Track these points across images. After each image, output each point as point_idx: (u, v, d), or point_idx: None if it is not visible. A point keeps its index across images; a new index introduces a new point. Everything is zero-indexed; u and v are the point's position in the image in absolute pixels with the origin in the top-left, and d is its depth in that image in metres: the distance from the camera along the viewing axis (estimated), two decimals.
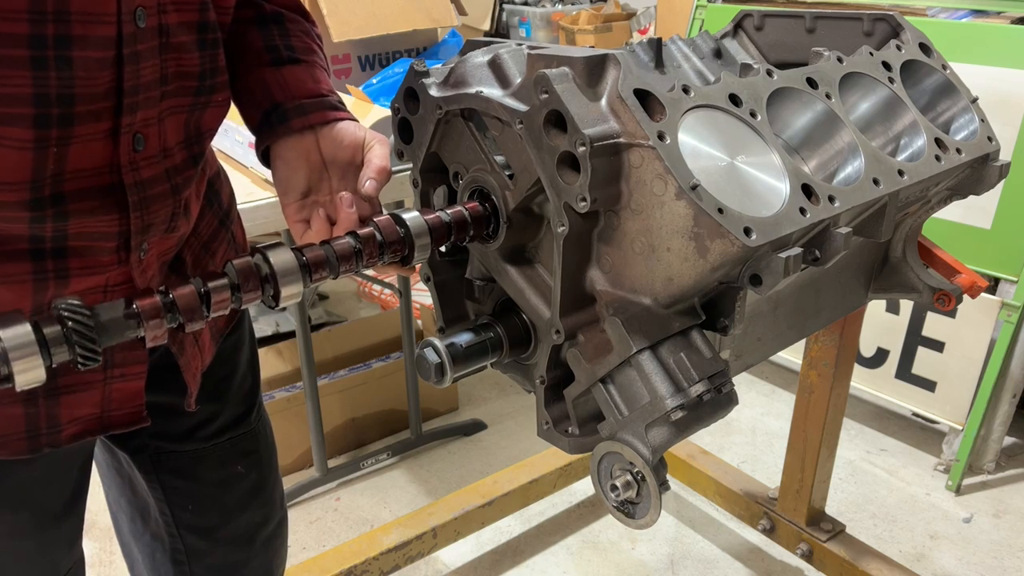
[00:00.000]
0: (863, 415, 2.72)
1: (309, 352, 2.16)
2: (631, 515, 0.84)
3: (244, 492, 1.14)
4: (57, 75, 0.69)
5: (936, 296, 1.25)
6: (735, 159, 0.84)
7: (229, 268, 0.75)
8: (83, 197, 0.76)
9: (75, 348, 0.64)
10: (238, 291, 0.74)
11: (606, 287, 0.86)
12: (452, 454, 2.55)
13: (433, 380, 0.93)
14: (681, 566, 2.11)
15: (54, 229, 0.76)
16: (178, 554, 1.12)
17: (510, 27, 6.43)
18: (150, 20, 0.75)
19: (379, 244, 0.82)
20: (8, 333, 0.62)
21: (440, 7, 2.34)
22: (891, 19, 1.16)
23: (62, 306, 0.65)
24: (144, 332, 0.69)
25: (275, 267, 0.76)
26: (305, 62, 0.96)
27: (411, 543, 1.90)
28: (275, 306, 0.78)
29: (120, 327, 0.68)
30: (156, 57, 0.77)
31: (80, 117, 0.72)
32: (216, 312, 0.73)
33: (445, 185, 1.00)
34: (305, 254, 0.78)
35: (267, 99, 0.93)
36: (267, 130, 0.93)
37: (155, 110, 0.79)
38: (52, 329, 0.63)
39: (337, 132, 0.92)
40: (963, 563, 2.11)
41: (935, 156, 1.02)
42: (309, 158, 0.92)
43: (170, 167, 0.83)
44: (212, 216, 0.99)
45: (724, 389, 0.83)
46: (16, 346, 0.62)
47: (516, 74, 0.87)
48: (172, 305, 0.70)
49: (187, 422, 1.06)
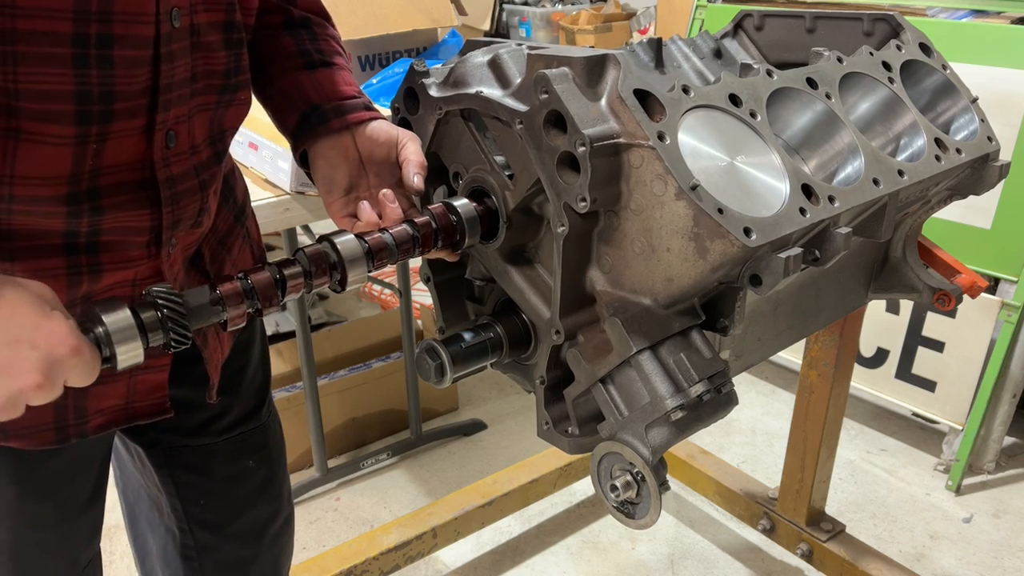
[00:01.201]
0: (863, 415, 2.72)
1: (309, 352, 2.16)
2: (631, 515, 0.84)
3: (254, 487, 1.15)
4: (98, 73, 0.71)
5: (936, 296, 1.25)
6: (735, 159, 0.83)
7: (300, 255, 0.79)
8: (118, 192, 0.79)
9: (169, 332, 0.69)
10: (310, 277, 0.79)
11: (606, 287, 0.86)
12: (452, 454, 2.55)
13: (433, 380, 0.93)
14: (681, 566, 2.11)
15: (89, 224, 0.78)
16: (188, 549, 1.14)
17: (510, 27, 6.43)
18: (183, 20, 0.78)
19: (434, 231, 0.88)
20: (111, 318, 0.66)
21: (440, 7, 2.34)
22: (891, 19, 1.16)
23: (156, 292, 0.70)
24: (226, 316, 0.74)
25: (342, 253, 0.81)
26: (335, 65, 1.00)
27: (411, 543, 1.90)
28: (341, 290, 0.83)
29: (207, 311, 0.73)
30: (188, 56, 0.80)
31: (118, 114, 0.75)
32: (290, 296, 0.79)
33: (445, 185, 1.00)
34: (368, 240, 0.83)
35: (304, 101, 0.96)
36: (306, 131, 0.96)
37: (186, 107, 0.82)
38: (149, 314, 0.69)
39: (372, 130, 0.95)
40: (963, 563, 2.11)
41: (935, 156, 1.02)
42: (348, 156, 0.96)
43: (197, 163, 0.86)
44: (228, 212, 1.01)
45: (724, 389, 0.83)
46: (118, 329, 0.66)
47: (516, 74, 0.87)
48: (252, 290, 0.75)
49: (200, 416, 1.08)
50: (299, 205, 1.54)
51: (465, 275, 1.03)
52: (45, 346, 0.62)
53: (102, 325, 0.66)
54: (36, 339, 0.62)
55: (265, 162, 1.57)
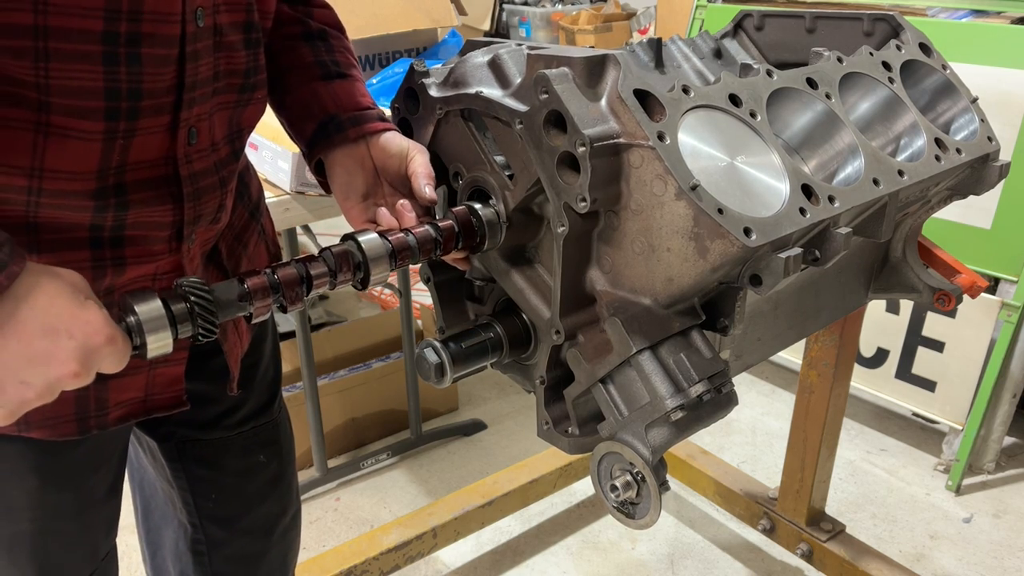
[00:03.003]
0: (863, 415, 2.72)
1: (309, 352, 2.16)
2: (631, 515, 0.84)
3: (265, 482, 1.17)
4: (127, 70, 0.73)
5: (936, 296, 1.25)
6: (735, 159, 0.83)
7: (326, 253, 0.82)
8: (142, 188, 0.81)
9: (197, 323, 0.72)
10: (334, 275, 0.82)
11: (606, 287, 0.86)
12: (452, 454, 2.55)
13: (433, 380, 0.93)
14: (681, 566, 2.11)
15: (115, 218, 0.80)
16: (199, 544, 1.15)
17: (510, 27, 6.43)
18: (207, 20, 0.80)
19: (456, 234, 0.89)
20: (143, 308, 0.69)
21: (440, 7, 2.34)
22: (891, 19, 1.16)
23: (186, 284, 0.72)
24: (252, 309, 0.76)
25: (366, 252, 0.83)
26: (351, 77, 1.02)
27: (411, 543, 1.90)
28: (363, 288, 0.85)
29: (233, 305, 0.75)
30: (211, 55, 0.82)
31: (145, 111, 0.76)
32: (316, 291, 0.81)
33: (445, 185, 1.00)
34: (391, 240, 0.85)
35: (322, 111, 0.99)
36: (323, 140, 0.98)
37: (207, 105, 0.84)
38: (179, 306, 0.71)
39: (385, 142, 0.97)
40: (963, 563, 2.11)
41: (935, 156, 1.02)
42: (364, 165, 0.98)
43: (217, 160, 0.88)
44: (243, 209, 1.03)
45: (724, 389, 0.83)
46: (149, 319, 0.69)
47: (516, 74, 0.87)
48: (278, 285, 0.77)
49: (214, 410, 1.09)
50: (299, 205, 1.54)
51: (465, 275, 1.03)
52: (81, 336, 0.64)
53: (134, 315, 0.69)
54: (73, 329, 0.64)
55: (265, 162, 1.57)
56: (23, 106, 0.71)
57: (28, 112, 0.71)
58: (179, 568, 1.18)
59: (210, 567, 1.17)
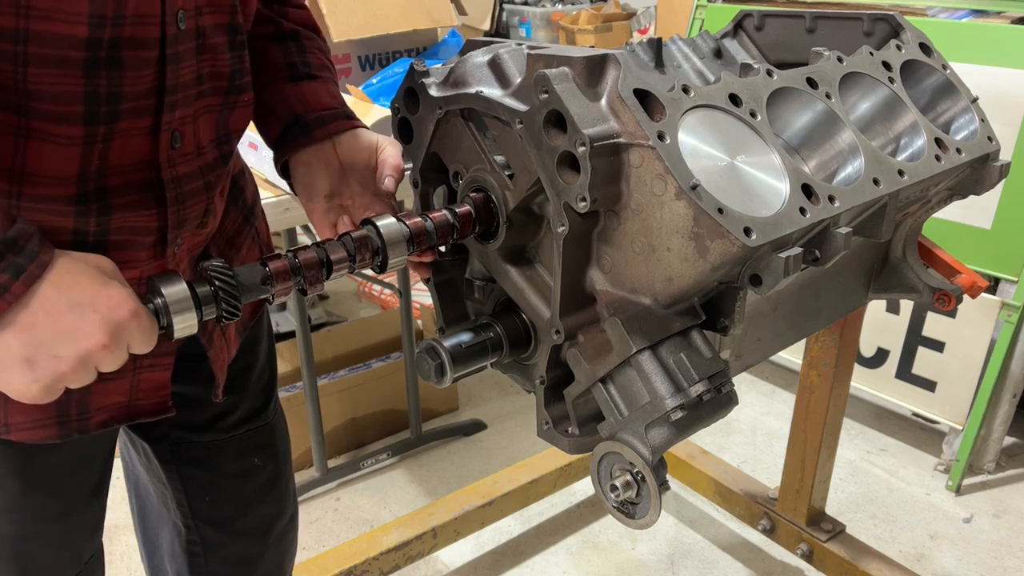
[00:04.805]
0: (863, 415, 2.72)
1: (309, 352, 2.16)
2: (631, 515, 0.84)
3: (260, 485, 1.16)
4: (107, 74, 0.73)
5: (936, 296, 1.25)
6: (735, 159, 0.83)
7: (346, 238, 0.84)
8: (125, 192, 0.80)
9: (221, 304, 0.75)
10: (354, 259, 0.84)
11: (606, 287, 0.86)
12: (452, 454, 2.55)
13: (433, 380, 0.93)
14: (681, 566, 2.11)
15: (98, 223, 0.79)
16: (194, 545, 1.15)
17: (510, 27, 6.43)
18: (189, 22, 0.79)
19: (472, 218, 0.91)
20: (169, 290, 0.72)
21: (440, 7, 2.34)
22: (891, 19, 1.16)
23: (211, 267, 0.75)
24: (274, 291, 0.79)
25: (384, 236, 0.85)
26: (321, 78, 1.02)
27: (411, 543, 1.90)
28: (381, 272, 0.87)
29: (256, 287, 0.78)
30: (194, 58, 0.81)
31: (124, 114, 0.76)
32: (336, 275, 0.83)
33: (445, 185, 1.00)
34: (409, 224, 0.87)
35: (288, 112, 0.99)
36: (288, 141, 0.98)
37: (191, 109, 0.83)
38: (203, 288, 0.74)
39: (353, 138, 0.98)
40: (963, 563, 2.11)
41: (935, 156, 1.02)
42: (329, 164, 0.98)
43: (203, 164, 0.87)
44: (236, 212, 1.03)
45: (724, 389, 0.83)
46: (175, 301, 0.72)
47: (516, 74, 0.87)
48: (299, 267, 0.80)
49: (207, 413, 1.09)
50: (299, 205, 1.53)
51: (465, 275, 1.03)
52: (105, 309, 0.68)
53: (161, 296, 0.72)
54: (97, 303, 0.68)
55: (265, 162, 1.57)
56: (5, 110, 0.70)
57: (9, 116, 0.71)
58: (175, 569, 1.18)
59: (206, 568, 1.16)
